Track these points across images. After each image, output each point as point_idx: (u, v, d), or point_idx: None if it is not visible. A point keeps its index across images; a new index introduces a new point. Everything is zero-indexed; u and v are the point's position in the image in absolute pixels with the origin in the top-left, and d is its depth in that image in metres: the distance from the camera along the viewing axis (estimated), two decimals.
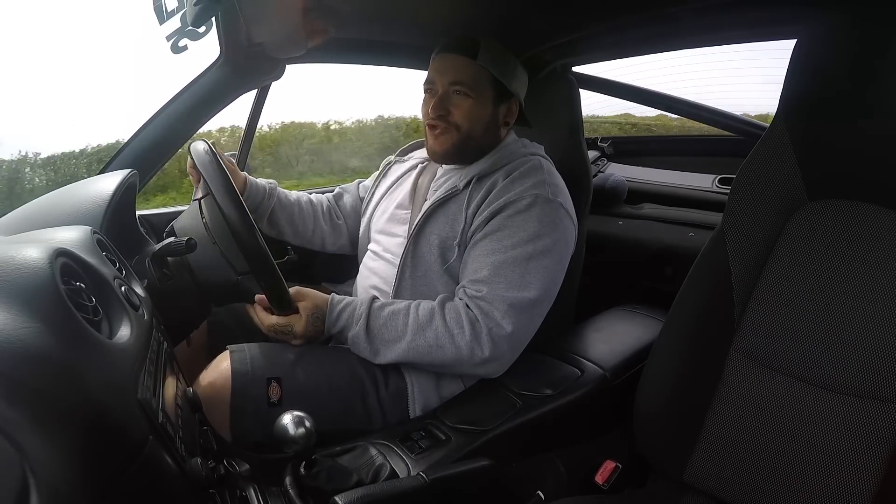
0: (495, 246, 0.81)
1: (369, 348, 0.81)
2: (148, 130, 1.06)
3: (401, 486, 0.61)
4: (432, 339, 0.79)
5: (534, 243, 0.80)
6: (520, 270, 0.79)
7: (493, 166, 0.90)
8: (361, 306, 0.82)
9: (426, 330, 0.79)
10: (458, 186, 0.89)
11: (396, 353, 0.80)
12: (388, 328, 0.80)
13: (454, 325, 0.79)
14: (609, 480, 0.82)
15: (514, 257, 0.80)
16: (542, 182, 0.86)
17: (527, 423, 0.77)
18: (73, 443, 0.30)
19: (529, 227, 0.81)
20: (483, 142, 0.93)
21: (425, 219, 0.89)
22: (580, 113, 1.18)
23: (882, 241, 0.63)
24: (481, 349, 0.78)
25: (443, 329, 0.79)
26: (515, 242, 0.80)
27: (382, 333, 0.80)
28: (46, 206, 0.79)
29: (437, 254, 0.87)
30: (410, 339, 0.79)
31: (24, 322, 0.33)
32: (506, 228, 0.82)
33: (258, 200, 1.04)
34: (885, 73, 0.62)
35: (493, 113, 0.93)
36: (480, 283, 0.80)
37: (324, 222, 1.12)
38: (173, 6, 0.73)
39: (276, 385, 0.75)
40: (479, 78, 0.90)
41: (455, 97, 0.90)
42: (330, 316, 0.81)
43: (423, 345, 0.79)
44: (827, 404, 0.66)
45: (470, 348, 0.78)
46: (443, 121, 0.90)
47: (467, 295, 0.81)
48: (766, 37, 1.03)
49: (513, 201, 0.83)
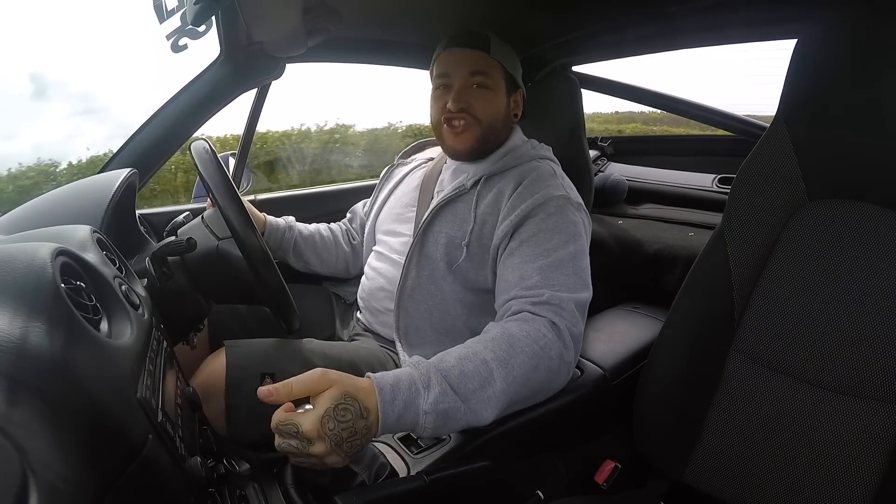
0: (536, 251, 0.78)
1: (463, 407, 0.59)
2: (148, 130, 1.06)
3: (401, 486, 0.61)
4: (526, 362, 0.64)
5: (573, 244, 0.79)
6: (567, 272, 0.76)
7: (503, 167, 0.89)
8: (419, 367, 0.61)
9: (513, 356, 0.64)
10: (465, 185, 0.89)
11: (496, 399, 0.62)
12: (468, 376, 0.61)
13: (536, 335, 0.67)
14: (609, 480, 0.82)
15: (559, 260, 0.77)
16: (561, 185, 0.86)
17: (527, 423, 0.77)
18: (73, 442, 0.30)
19: (565, 228, 0.80)
20: (501, 135, 0.94)
21: (433, 216, 0.89)
22: (581, 112, 1.18)
23: (882, 241, 0.63)
24: (567, 351, 0.70)
25: (529, 346, 0.66)
26: (556, 245, 0.78)
27: (467, 384, 0.60)
28: (46, 206, 0.79)
29: (442, 252, 0.87)
30: (503, 374, 0.62)
31: (24, 321, 0.33)
32: (542, 233, 0.79)
33: (280, 236, 1.06)
34: (885, 73, 0.62)
35: (507, 105, 0.94)
36: (536, 287, 0.74)
37: (345, 246, 1.14)
38: (173, 5, 0.72)
39: (269, 380, 0.75)
40: (494, 71, 0.90)
41: (475, 90, 0.89)
42: (383, 393, 0.56)
43: (519, 375, 0.64)
44: (827, 404, 0.66)
45: (560, 356, 0.68)
46: (465, 114, 0.89)
47: (528, 302, 0.72)
48: (766, 37, 1.03)
49: (540, 204, 0.81)
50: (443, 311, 0.88)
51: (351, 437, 0.53)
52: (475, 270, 0.86)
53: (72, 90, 4.77)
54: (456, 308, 0.88)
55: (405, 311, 0.90)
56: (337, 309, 1.11)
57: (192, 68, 1.07)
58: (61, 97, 4.75)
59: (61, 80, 4.64)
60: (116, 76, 4.54)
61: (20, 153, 3.27)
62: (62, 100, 4.80)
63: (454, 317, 0.88)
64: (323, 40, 0.97)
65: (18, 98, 4.11)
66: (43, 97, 4.50)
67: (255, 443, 0.73)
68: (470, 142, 0.91)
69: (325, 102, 5.04)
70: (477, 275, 0.86)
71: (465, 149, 0.92)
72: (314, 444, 0.52)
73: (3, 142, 3.87)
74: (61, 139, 4.51)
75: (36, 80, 4.55)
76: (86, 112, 4.84)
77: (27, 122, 4.14)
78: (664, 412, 0.79)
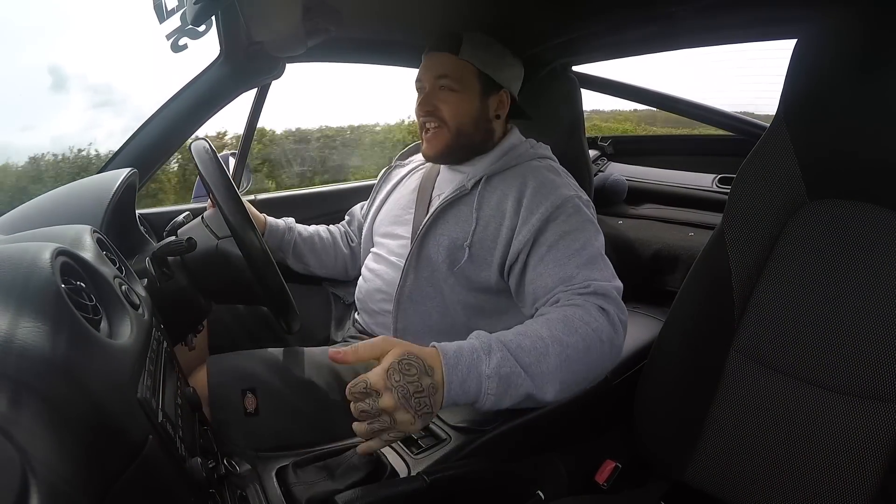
0: (568, 252, 0.78)
1: (524, 373, 0.60)
2: (148, 129, 1.06)
3: (401, 486, 0.61)
4: (580, 342, 0.65)
5: (596, 240, 0.80)
6: (601, 265, 0.77)
7: (503, 167, 0.89)
8: (480, 336, 0.63)
9: (568, 335, 0.65)
10: (466, 187, 0.88)
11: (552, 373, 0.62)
12: (525, 350, 0.62)
13: (589, 318, 0.67)
14: (609, 480, 0.82)
15: (591, 255, 0.78)
16: (570, 185, 0.86)
17: (527, 423, 0.77)
18: (73, 442, 0.30)
19: (588, 226, 0.81)
20: (475, 137, 0.92)
21: (434, 219, 0.88)
22: (581, 112, 1.18)
23: (882, 241, 0.63)
24: (619, 335, 0.70)
25: (583, 327, 0.66)
26: (584, 243, 0.79)
27: (524, 357, 0.61)
28: (46, 206, 0.79)
29: (444, 255, 0.86)
30: (558, 350, 0.63)
31: (24, 321, 0.33)
32: (568, 234, 0.79)
33: (279, 237, 1.06)
34: (885, 73, 0.62)
35: (482, 106, 0.92)
36: (582, 282, 0.74)
37: (344, 248, 1.14)
38: (173, 5, 0.72)
39: (251, 396, 0.75)
40: (464, 72, 0.89)
41: (441, 93, 0.90)
42: (446, 356, 0.58)
43: (572, 353, 0.64)
44: (827, 404, 0.66)
45: (610, 339, 0.68)
46: (432, 117, 0.90)
47: (575, 293, 0.72)
48: (766, 37, 1.03)
49: (559, 207, 0.81)
50: (442, 312, 0.88)
51: (418, 393, 0.54)
52: (477, 271, 0.86)
53: (90, 82, 4.82)
54: (456, 309, 0.88)
55: (404, 313, 0.90)
56: (335, 310, 1.11)
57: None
58: (80, 89, 4.79)
59: (80, 73, 4.68)
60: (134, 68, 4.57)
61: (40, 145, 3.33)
62: (80, 92, 4.84)
63: (453, 318, 0.88)
64: (323, 40, 0.97)
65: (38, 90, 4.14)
66: (62, 89, 4.55)
67: (244, 450, 0.73)
68: (439, 146, 0.91)
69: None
70: (479, 276, 0.86)
71: (434, 153, 0.93)
72: (382, 395, 0.53)
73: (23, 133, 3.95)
74: (79, 130, 4.56)
75: (55, 72, 4.59)
76: (103, 104, 4.90)
77: (46, 113, 4.18)
78: (664, 412, 0.79)
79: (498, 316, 0.88)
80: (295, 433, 0.75)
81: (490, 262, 0.85)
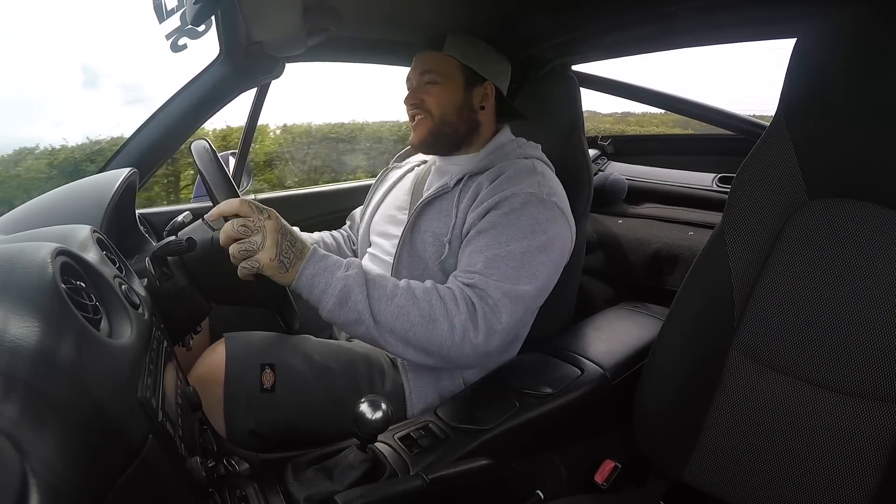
0: (490, 242, 0.80)
1: (364, 296, 0.70)
2: (148, 129, 1.06)
3: (400, 486, 0.61)
4: (426, 309, 0.72)
5: (528, 240, 0.80)
6: (514, 265, 0.78)
7: (487, 165, 0.90)
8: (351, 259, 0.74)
9: (420, 299, 0.73)
10: (448, 184, 0.89)
11: (387, 314, 0.71)
12: (378, 283, 0.72)
13: (450, 301, 0.74)
14: (609, 480, 0.82)
15: (508, 252, 0.79)
16: (537, 183, 0.86)
17: (526, 422, 0.77)
18: (74, 442, 0.30)
19: (524, 224, 0.81)
20: (460, 127, 0.96)
21: (417, 215, 0.90)
22: (581, 111, 1.18)
23: (882, 241, 0.63)
24: (475, 333, 0.74)
25: (438, 302, 0.73)
26: (510, 238, 0.80)
27: (375, 287, 0.72)
28: (46, 205, 0.79)
29: (431, 251, 0.88)
30: (402, 302, 0.72)
31: (24, 321, 0.33)
32: (500, 226, 0.81)
33: None
34: (885, 72, 0.62)
35: (466, 97, 0.95)
36: (474, 273, 0.78)
37: (348, 251, 1.16)
38: (173, 5, 0.72)
39: (269, 371, 0.76)
40: (447, 66, 0.94)
41: (426, 86, 0.95)
42: (314, 254, 0.71)
43: (414, 313, 0.72)
44: (827, 404, 0.66)
45: (464, 329, 0.73)
46: (418, 109, 0.95)
47: (461, 282, 0.78)
48: (766, 36, 1.03)
49: (507, 198, 0.82)
50: None
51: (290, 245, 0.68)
52: None
53: (122, 80, 4.89)
54: None
55: None
56: None
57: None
58: (111, 87, 4.86)
59: (111, 71, 4.75)
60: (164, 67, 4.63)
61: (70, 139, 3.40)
62: (112, 89, 4.91)
63: None
64: (323, 40, 0.97)
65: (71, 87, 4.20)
66: (94, 86, 4.61)
67: (251, 433, 0.74)
68: (423, 133, 0.96)
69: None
70: None
71: (418, 140, 0.97)
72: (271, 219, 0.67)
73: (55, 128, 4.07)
74: (109, 127, 4.62)
75: (87, 70, 4.63)
76: (135, 101, 4.96)
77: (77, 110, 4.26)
78: (664, 412, 0.79)
79: None
80: (302, 419, 0.76)
81: None
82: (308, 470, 0.65)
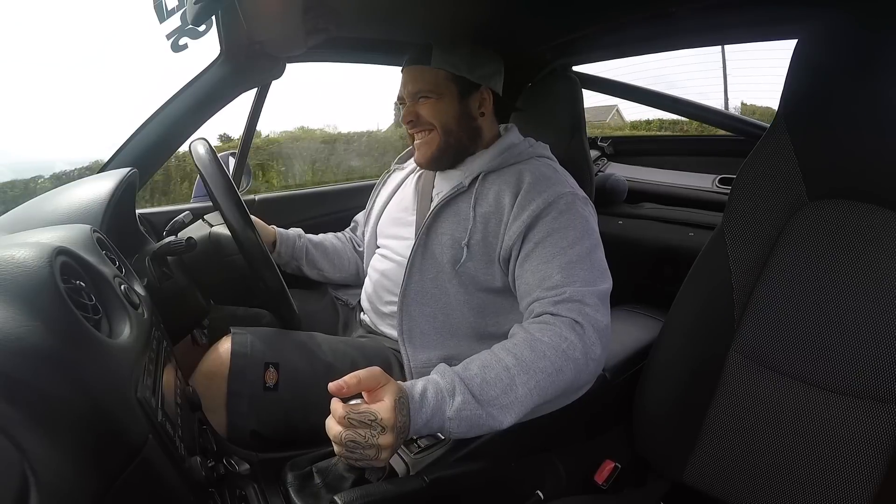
0: (553, 250, 0.78)
1: (484, 414, 0.62)
2: (148, 129, 1.06)
3: (400, 486, 0.61)
4: (549, 366, 0.66)
5: (587, 239, 0.79)
6: (587, 265, 0.77)
7: (501, 164, 0.89)
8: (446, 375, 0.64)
9: (535, 361, 0.66)
10: (463, 184, 0.88)
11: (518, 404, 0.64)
12: (490, 384, 0.64)
13: (558, 339, 0.68)
14: (608, 480, 0.82)
15: (578, 255, 0.77)
16: (565, 182, 0.86)
17: (526, 422, 0.77)
18: (73, 441, 0.30)
19: (578, 224, 0.80)
20: (463, 136, 0.94)
21: (433, 218, 0.88)
22: (582, 112, 1.18)
23: (882, 242, 0.63)
24: (594, 348, 0.70)
25: (551, 350, 0.67)
26: (572, 241, 0.78)
27: (489, 391, 0.63)
28: (46, 205, 0.79)
29: (448, 255, 0.86)
30: (525, 379, 0.65)
31: (24, 321, 0.33)
32: (556, 231, 0.79)
33: (291, 244, 1.07)
34: (885, 73, 0.62)
35: (463, 107, 0.93)
36: (558, 287, 0.74)
37: (354, 253, 1.16)
38: (173, 5, 0.72)
39: (273, 370, 0.76)
40: (438, 80, 0.91)
41: (419, 102, 0.92)
42: (413, 400, 0.60)
43: (542, 379, 0.66)
44: (827, 405, 0.66)
45: (585, 355, 0.69)
46: (417, 126, 0.93)
47: (551, 303, 0.73)
48: (766, 37, 1.03)
49: (550, 203, 0.81)
50: (447, 314, 0.88)
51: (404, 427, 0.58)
52: (482, 270, 0.85)
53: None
54: (463, 310, 0.87)
55: (408, 315, 0.89)
56: (341, 314, 1.11)
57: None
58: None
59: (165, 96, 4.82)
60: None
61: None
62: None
63: (459, 319, 0.88)
64: (323, 40, 0.97)
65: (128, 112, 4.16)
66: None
67: (252, 433, 0.74)
68: (429, 152, 0.93)
69: None
70: (485, 275, 0.86)
71: (425, 159, 0.94)
72: (386, 433, 0.56)
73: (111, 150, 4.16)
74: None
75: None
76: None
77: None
78: (664, 412, 0.79)
79: (504, 315, 0.88)
80: (304, 419, 0.76)
81: (493, 260, 0.85)
82: (308, 470, 0.65)
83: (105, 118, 4.93)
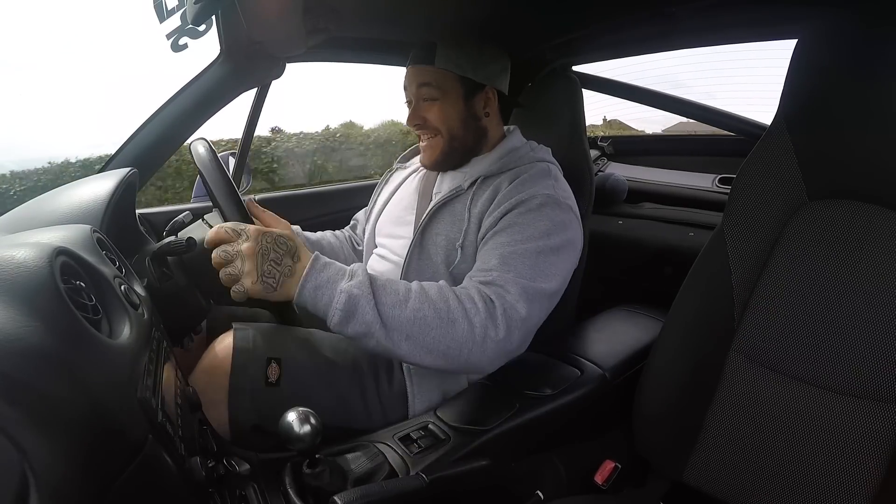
0: (505, 240, 0.79)
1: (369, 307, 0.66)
2: (148, 129, 1.06)
3: (400, 486, 0.61)
4: (443, 310, 0.69)
5: (544, 240, 0.79)
6: (530, 262, 0.77)
7: (501, 168, 0.89)
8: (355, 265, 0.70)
9: (436, 301, 0.70)
10: (462, 186, 0.89)
11: (403, 321, 0.67)
12: (388, 291, 0.68)
13: (466, 300, 0.71)
14: (609, 480, 0.82)
15: (524, 250, 0.77)
16: (552, 185, 0.86)
17: (526, 422, 0.77)
18: (73, 442, 0.30)
19: (540, 224, 0.80)
20: (468, 138, 0.94)
21: (430, 218, 0.89)
22: (582, 112, 1.18)
23: (882, 242, 0.63)
24: (496, 329, 0.70)
25: (455, 302, 0.70)
26: (526, 238, 0.79)
27: (383, 295, 0.68)
28: (46, 205, 0.79)
29: (443, 255, 0.87)
30: (417, 306, 0.68)
31: (23, 321, 0.33)
32: (516, 225, 0.80)
33: None
34: (885, 73, 0.62)
35: (468, 108, 0.93)
36: (489, 270, 0.76)
37: (352, 252, 1.15)
38: (173, 4, 0.72)
39: (275, 365, 0.76)
40: (442, 80, 0.91)
41: (426, 104, 0.93)
42: (318, 260, 0.68)
43: (431, 315, 0.68)
44: (827, 405, 0.66)
45: (484, 327, 0.70)
46: (423, 129, 0.93)
47: (476, 282, 0.76)
48: (766, 37, 1.03)
49: (523, 201, 0.82)
50: None
51: (274, 262, 0.65)
52: None
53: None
54: None
55: None
56: None
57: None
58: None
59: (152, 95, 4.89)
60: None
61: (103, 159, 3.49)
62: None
63: None
64: (323, 40, 0.97)
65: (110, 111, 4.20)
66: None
67: (254, 427, 0.74)
68: (434, 154, 0.94)
69: None
70: None
71: (431, 161, 0.95)
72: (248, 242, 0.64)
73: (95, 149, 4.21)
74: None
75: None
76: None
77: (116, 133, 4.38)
78: (664, 412, 0.79)
79: None
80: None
81: None
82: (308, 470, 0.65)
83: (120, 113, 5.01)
